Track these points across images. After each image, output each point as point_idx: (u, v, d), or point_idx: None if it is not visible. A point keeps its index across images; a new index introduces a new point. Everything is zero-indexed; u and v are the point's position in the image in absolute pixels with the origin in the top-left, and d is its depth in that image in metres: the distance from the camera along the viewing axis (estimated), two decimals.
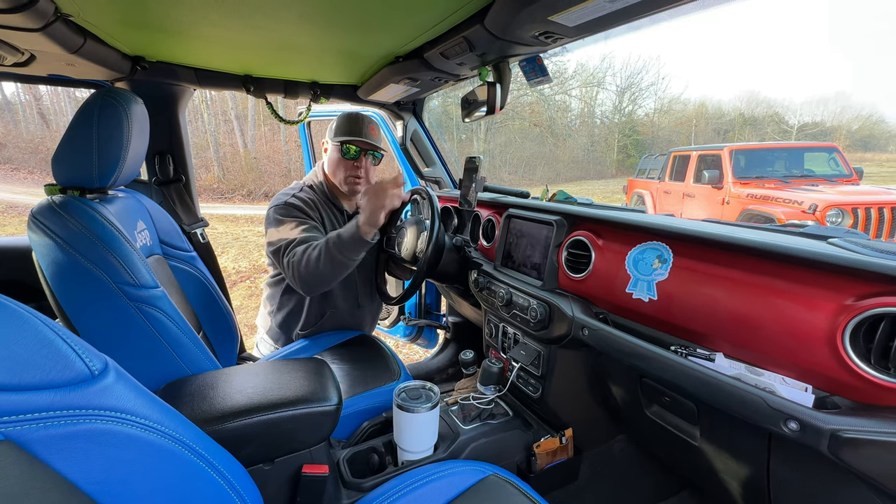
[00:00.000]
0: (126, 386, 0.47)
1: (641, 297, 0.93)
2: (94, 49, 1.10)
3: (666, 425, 0.97)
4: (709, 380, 0.72)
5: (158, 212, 1.23)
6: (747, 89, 47.04)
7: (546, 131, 21.65)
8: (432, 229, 1.34)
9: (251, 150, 14.98)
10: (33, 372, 0.39)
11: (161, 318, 0.89)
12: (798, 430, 0.60)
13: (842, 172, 5.72)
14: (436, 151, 2.07)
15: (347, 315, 1.60)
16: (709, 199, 5.92)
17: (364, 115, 1.45)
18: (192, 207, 1.64)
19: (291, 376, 0.94)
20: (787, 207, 4.73)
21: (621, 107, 24.37)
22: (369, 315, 1.69)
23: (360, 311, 1.62)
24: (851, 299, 0.62)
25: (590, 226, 1.12)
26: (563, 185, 17.41)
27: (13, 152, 13.60)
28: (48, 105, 16.02)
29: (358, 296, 1.57)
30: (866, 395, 0.61)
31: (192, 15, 0.98)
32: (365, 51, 1.26)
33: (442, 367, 2.22)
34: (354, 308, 1.59)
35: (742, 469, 0.84)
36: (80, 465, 0.39)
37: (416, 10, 0.94)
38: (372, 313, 1.71)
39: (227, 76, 1.53)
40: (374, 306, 1.71)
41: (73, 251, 0.80)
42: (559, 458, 1.21)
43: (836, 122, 28.98)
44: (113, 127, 0.89)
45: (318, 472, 0.87)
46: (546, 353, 1.20)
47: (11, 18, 0.81)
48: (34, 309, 0.43)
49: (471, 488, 0.85)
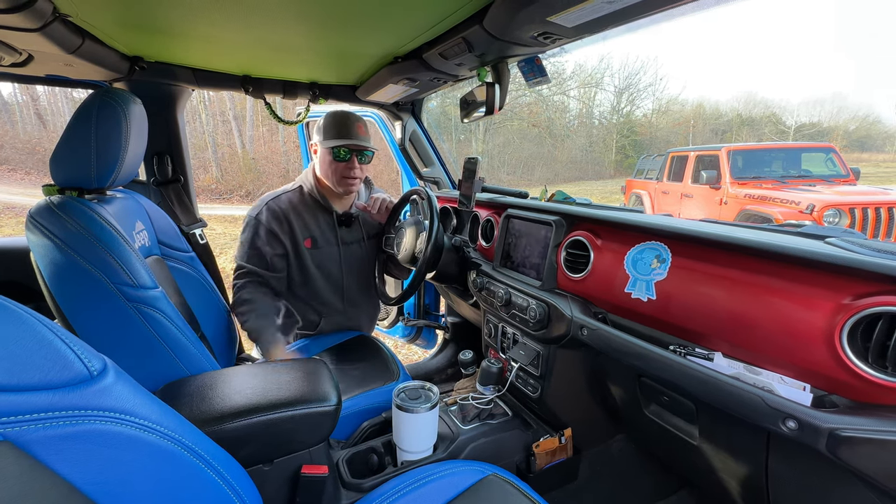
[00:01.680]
0: (125, 386, 0.47)
1: (640, 297, 0.93)
2: (92, 49, 1.10)
3: (665, 425, 0.97)
4: (707, 379, 0.72)
5: (157, 212, 1.22)
6: (745, 90, 47.26)
7: (544, 132, 21.67)
8: (431, 229, 1.34)
9: (249, 151, 14.95)
10: (32, 372, 0.39)
11: (160, 318, 0.89)
12: (796, 428, 0.60)
13: (839, 173, 5.74)
14: (434, 152, 2.07)
15: (342, 316, 1.61)
16: (707, 199, 5.94)
17: (350, 113, 1.44)
18: (191, 208, 1.64)
19: (290, 377, 0.94)
20: (785, 208, 4.75)
21: (619, 107, 24.40)
22: (365, 315, 1.70)
23: (354, 310, 1.63)
24: (849, 298, 0.63)
25: (589, 226, 1.12)
26: (562, 185, 17.42)
27: (10, 153, 13.53)
28: (45, 106, 15.95)
29: (346, 297, 1.59)
30: (864, 393, 0.61)
31: (191, 15, 0.97)
32: (363, 51, 1.26)
33: (441, 367, 2.22)
34: (348, 308, 1.61)
35: (740, 468, 0.84)
36: (79, 466, 0.39)
37: (414, 10, 0.94)
38: (368, 313, 1.71)
39: (226, 76, 1.53)
40: (370, 305, 1.72)
41: (71, 252, 0.80)
42: (558, 457, 1.21)
43: (832, 122, 29.08)
44: (111, 127, 0.89)
45: (318, 473, 0.87)
46: (545, 353, 1.20)
47: (9, 18, 0.80)
48: (32, 310, 0.43)
49: (470, 488, 0.85)
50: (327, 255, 1.52)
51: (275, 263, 1.43)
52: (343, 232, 1.54)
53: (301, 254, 1.46)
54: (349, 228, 1.56)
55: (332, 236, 1.52)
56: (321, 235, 1.49)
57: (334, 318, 1.60)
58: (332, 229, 1.51)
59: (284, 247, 1.44)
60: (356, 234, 1.58)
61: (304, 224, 1.46)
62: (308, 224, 1.47)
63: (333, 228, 1.52)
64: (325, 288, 1.53)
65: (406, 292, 1.43)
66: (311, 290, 1.53)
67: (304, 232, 1.46)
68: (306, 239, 1.47)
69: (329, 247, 1.52)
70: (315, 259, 1.49)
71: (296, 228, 1.44)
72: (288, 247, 1.44)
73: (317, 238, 1.49)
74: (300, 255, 1.47)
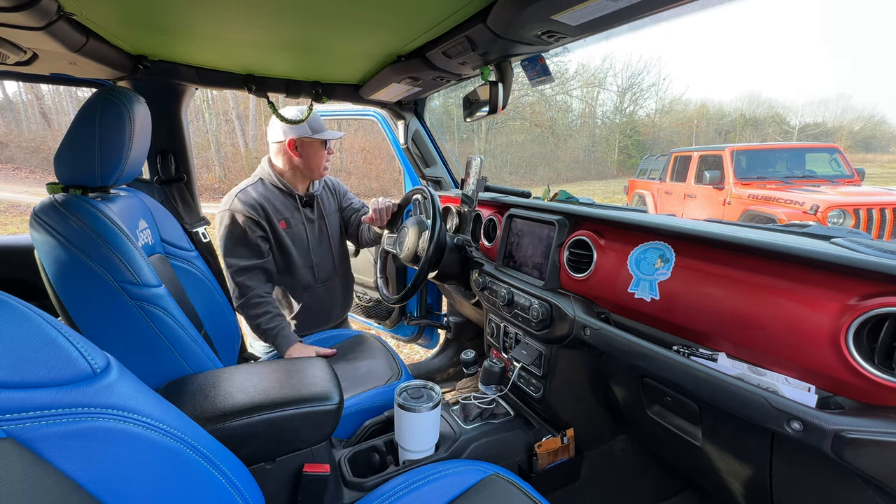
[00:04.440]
0: (128, 384, 0.47)
1: (643, 297, 0.92)
2: (96, 48, 1.10)
3: (668, 425, 0.96)
4: (711, 380, 0.72)
5: (160, 211, 1.23)
6: (749, 90, 47.04)
7: (547, 132, 21.63)
8: (434, 229, 1.34)
9: (252, 150, 14.98)
10: (36, 369, 0.39)
11: (163, 316, 0.89)
12: (801, 430, 0.60)
13: (843, 173, 5.70)
14: (437, 151, 2.07)
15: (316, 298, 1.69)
16: (710, 199, 5.91)
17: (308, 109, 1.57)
18: (194, 206, 1.64)
19: (293, 375, 0.94)
20: (789, 208, 4.72)
21: (622, 107, 24.35)
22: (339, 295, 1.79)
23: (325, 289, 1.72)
24: (855, 299, 0.62)
25: (592, 225, 1.12)
26: (564, 185, 17.36)
27: (15, 152, 13.61)
28: (50, 104, 16.03)
29: (317, 274, 1.68)
30: (870, 395, 0.60)
31: (195, 14, 0.98)
32: (367, 50, 1.26)
33: (443, 366, 2.22)
34: (320, 286, 1.69)
35: (744, 469, 0.84)
36: (81, 463, 0.39)
37: (418, 9, 0.94)
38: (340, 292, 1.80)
39: (229, 75, 1.53)
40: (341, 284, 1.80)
41: (75, 249, 0.80)
42: (560, 457, 1.21)
43: (837, 122, 28.95)
44: (115, 126, 0.89)
45: (320, 472, 0.87)
46: (547, 353, 1.19)
47: (14, 17, 0.81)
48: (36, 307, 0.43)
49: (472, 488, 0.85)
50: (299, 234, 1.62)
51: (261, 246, 1.51)
52: (307, 212, 1.66)
53: (279, 235, 1.56)
54: (311, 209, 1.68)
55: (299, 216, 1.63)
56: (291, 217, 1.60)
57: (310, 302, 1.67)
58: (298, 210, 1.63)
59: (265, 229, 1.52)
60: (317, 212, 1.70)
61: (275, 208, 1.56)
62: (278, 208, 1.57)
63: (298, 209, 1.63)
64: (301, 267, 1.63)
65: (408, 291, 1.43)
66: (291, 272, 1.62)
67: (277, 215, 1.56)
68: (281, 220, 1.57)
69: (299, 226, 1.63)
70: (291, 238, 1.59)
71: (270, 213, 1.53)
72: (267, 229, 1.53)
73: (288, 219, 1.59)
74: (278, 236, 1.56)
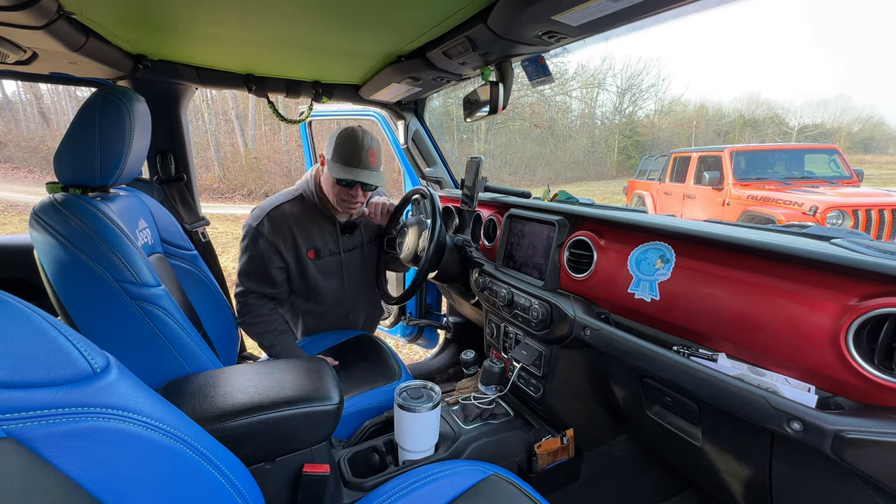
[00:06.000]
0: (128, 384, 0.47)
1: (644, 298, 0.92)
2: (96, 47, 1.10)
3: (668, 426, 0.96)
4: (711, 380, 0.72)
5: (160, 210, 1.22)
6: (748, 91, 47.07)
7: (546, 132, 21.63)
8: (433, 229, 1.34)
9: (252, 150, 14.97)
10: (36, 369, 0.39)
11: (162, 316, 0.89)
12: (801, 430, 0.60)
13: (842, 174, 5.71)
14: (437, 151, 2.07)
15: (344, 321, 1.63)
16: (709, 200, 5.92)
17: (364, 136, 1.32)
18: (194, 206, 1.64)
19: (293, 375, 0.94)
20: (788, 209, 4.73)
21: (622, 108, 24.35)
22: (367, 317, 1.71)
23: (356, 316, 1.65)
24: (855, 300, 0.62)
25: (592, 226, 1.12)
26: (564, 185, 17.37)
27: (14, 151, 13.58)
28: (49, 104, 16.00)
29: (349, 304, 1.60)
30: (870, 395, 0.60)
31: (195, 13, 0.98)
32: (367, 50, 1.26)
33: (443, 367, 2.22)
34: (350, 314, 1.63)
35: (744, 469, 0.84)
36: (81, 463, 0.39)
37: (418, 9, 0.94)
38: (369, 314, 1.72)
39: (229, 75, 1.53)
40: (372, 308, 1.72)
41: (74, 249, 0.80)
42: (560, 458, 1.21)
43: (836, 123, 28.97)
44: (115, 125, 0.89)
45: (319, 472, 0.87)
46: (547, 354, 1.19)
47: (14, 16, 0.81)
48: (36, 307, 0.43)
49: (472, 488, 0.84)
50: (330, 265, 1.50)
51: (276, 277, 1.41)
52: (345, 239, 1.53)
53: (304, 264, 1.44)
54: (351, 235, 1.55)
55: (334, 245, 1.50)
56: (324, 245, 1.48)
57: (335, 325, 1.61)
58: (335, 238, 1.50)
59: (286, 260, 1.41)
60: (357, 239, 1.58)
61: (306, 234, 1.43)
62: (311, 234, 1.44)
63: (336, 237, 1.50)
64: (328, 297, 1.53)
65: (408, 292, 1.43)
66: (315, 300, 1.52)
67: (308, 243, 1.44)
68: (309, 250, 1.44)
69: (332, 256, 1.50)
70: (318, 269, 1.48)
71: (298, 239, 1.41)
72: (290, 260, 1.42)
73: (319, 248, 1.47)
74: (303, 266, 1.44)
